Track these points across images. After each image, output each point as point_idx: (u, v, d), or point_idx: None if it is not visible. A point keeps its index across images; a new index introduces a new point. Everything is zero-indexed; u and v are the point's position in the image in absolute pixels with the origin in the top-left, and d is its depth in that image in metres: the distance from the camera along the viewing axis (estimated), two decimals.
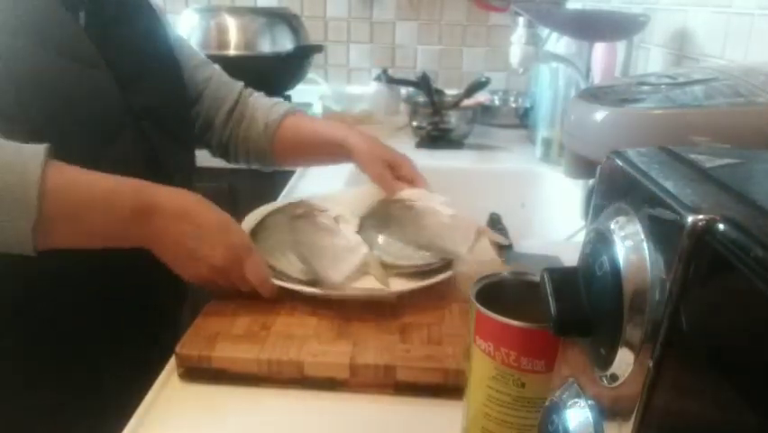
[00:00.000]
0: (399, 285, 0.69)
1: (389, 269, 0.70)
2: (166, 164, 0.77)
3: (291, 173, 1.27)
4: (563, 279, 0.35)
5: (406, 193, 0.83)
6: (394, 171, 0.86)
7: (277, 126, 0.92)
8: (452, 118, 1.50)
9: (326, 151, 0.91)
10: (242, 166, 0.98)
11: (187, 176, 0.84)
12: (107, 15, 0.73)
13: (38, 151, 0.56)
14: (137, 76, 0.75)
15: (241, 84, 0.96)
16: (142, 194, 0.61)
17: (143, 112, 0.74)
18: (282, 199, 1.14)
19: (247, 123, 0.93)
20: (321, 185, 1.11)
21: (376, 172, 0.85)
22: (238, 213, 0.74)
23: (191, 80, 0.88)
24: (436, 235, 0.74)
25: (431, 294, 0.69)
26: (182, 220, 0.62)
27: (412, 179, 0.85)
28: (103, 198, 0.59)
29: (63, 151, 0.58)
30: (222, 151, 0.96)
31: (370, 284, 0.68)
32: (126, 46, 0.75)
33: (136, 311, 0.73)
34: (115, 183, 0.61)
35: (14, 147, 0.56)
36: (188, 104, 0.88)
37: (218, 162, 0.98)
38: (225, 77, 0.95)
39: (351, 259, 0.70)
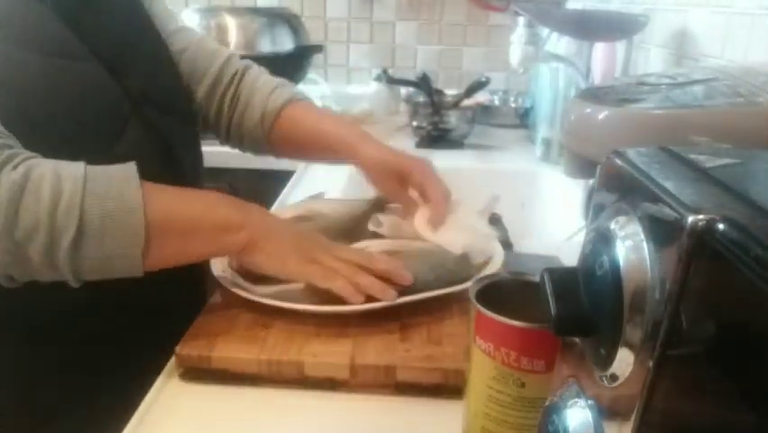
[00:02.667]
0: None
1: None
2: (177, 150, 0.74)
3: (291, 174, 1.27)
4: (563, 279, 0.35)
5: (418, 225, 0.76)
6: (405, 181, 0.77)
7: (275, 117, 0.83)
8: (452, 118, 1.51)
9: (328, 151, 0.83)
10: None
11: (197, 159, 0.82)
12: None
13: (129, 173, 0.57)
14: (125, 59, 0.70)
15: (226, 54, 0.87)
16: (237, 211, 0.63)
17: (142, 97, 0.70)
18: (281, 201, 1.14)
19: (242, 107, 0.85)
20: (321, 186, 1.11)
21: (386, 188, 0.79)
22: None
23: None
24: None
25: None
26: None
27: (422, 188, 0.76)
28: (203, 215, 0.61)
29: (71, 152, 0.58)
30: (213, 130, 0.88)
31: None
32: (104, 26, 0.70)
33: (145, 315, 0.72)
34: (208, 199, 0.63)
35: (103, 172, 0.56)
36: (182, 78, 0.81)
37: (218, 162, 0.98)
38: (207, 45, 0.85)
39: None
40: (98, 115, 0.66)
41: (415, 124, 1.54)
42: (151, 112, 0.71)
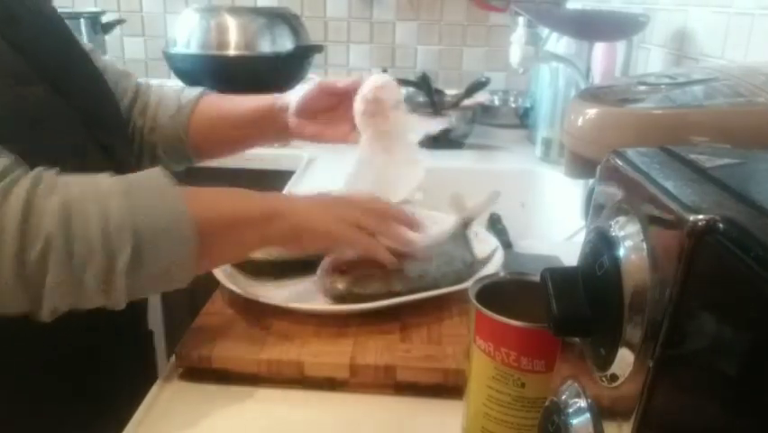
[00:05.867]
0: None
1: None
2: (127, 170, 0.71)
3: (291, 174, 1.27)
4: (563, 279, 0.35)
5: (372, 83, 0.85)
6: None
7: (193, 105, 0.82)
8: (452, 118, 1.50)
9: (255, 120, 0.82)
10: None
11: None
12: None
13: (161, 180, 0.55)
14: (66, 79, 0.66)
15: (135, 75, 0.87)
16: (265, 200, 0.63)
17: (90, 119, 0.66)
18: None
19: (153, 110, 0.83)
20: (322, 187, 1.11)
21: (322, 89, 0.83)
22: None
23: None
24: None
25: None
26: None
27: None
28: (244, 207, 0.61)
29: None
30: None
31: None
32: (37, 44, 0.64)
33: (142, 316, 0.72)
34: (241, 194, 0.63)
35: (135, 182, 0.54)
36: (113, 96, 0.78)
37: (218, 162, 0.98)
38: (118, 66, 0.84)
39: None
40: (61, 141, 0.62)
41: None
42: (101, 133, 0.68)
